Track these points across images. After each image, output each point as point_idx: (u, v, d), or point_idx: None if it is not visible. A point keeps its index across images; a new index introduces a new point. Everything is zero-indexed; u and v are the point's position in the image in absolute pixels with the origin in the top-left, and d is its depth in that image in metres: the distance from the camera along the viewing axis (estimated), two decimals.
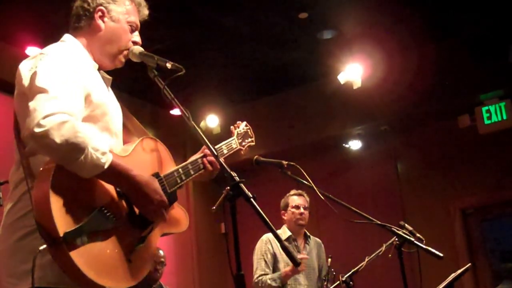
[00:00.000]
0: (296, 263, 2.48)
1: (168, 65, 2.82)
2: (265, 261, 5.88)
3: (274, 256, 5.90)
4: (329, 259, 5.89)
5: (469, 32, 7.73)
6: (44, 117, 2.24)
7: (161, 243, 2.89)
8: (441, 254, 3.80)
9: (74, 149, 2.26)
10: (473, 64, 7.72)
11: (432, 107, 8.28)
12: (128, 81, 7.21)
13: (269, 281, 5.73)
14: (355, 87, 8.09)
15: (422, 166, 8.80)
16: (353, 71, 8.06)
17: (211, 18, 7.16)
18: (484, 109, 7.96)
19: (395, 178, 9.00)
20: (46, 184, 2.27)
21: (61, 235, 2.22)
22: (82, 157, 2.28)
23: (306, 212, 6.06)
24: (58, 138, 2.23)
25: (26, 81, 2.48)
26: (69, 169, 2.30)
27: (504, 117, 7.83)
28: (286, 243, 2.47)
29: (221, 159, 2.67)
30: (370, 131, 8.88)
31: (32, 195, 2.32)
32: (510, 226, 8.63)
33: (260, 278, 5.79)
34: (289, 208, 6.06)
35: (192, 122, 2.72)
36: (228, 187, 2.51)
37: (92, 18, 2.81)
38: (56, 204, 2.26)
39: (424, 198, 8.64)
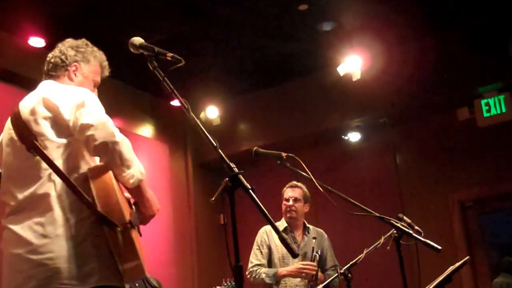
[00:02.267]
0: (293, 254, 2.50)
1: (168, 57, 2.86)
2: (261, 251, 5.93)
3: (269, 248, 5.94)
4: (314, 240, 5.91)
5: (469, 24, 7.71)
6: (116, 132, 2.87)
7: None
8: (440, 247, 3.80)
9: (130, 159, 2.91)
10: (473, 57, 7.71)
11: (431, 100, 8.27)
12: (128, 72, 7.22)
13: (263, 275, 5.78)
14: (354, 79, 8.08)
15: (421, 158, 8.80)
16: (353, 63, 8.04)
17: (211, 9, 7.15)
18: (483, 101, 7.95)
19: (394, 171, 9.00)
20: (110, 182, 2.85)
21: (127, 220, 2.83)
22: (133, 167, 2.92)
23: (297, 205, 6.04)
24: (125, 148, 2.88)
25: (67, 112, 2.92)
26: (121, 176, 2.91)
27: (503, 110, 7.82)
28: (284, 235, 2.49)
29: (220, 151, 2.68)
30: (369, 123, 8.87)
31: (97, 191, 2.82)
32: (508, 219, 8.64)
33: (254, 268, 5.84)
34: (283, 200, 6.10)
35: (192, 114, 2.74)
36: (227, 178, 2.53)
37: (67, 70, 3.28)
38: (119, 198, 2.84)
39: (422, 191, 8.64)
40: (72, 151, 2.93)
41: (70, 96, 2.96)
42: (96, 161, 3.03)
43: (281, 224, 6.03)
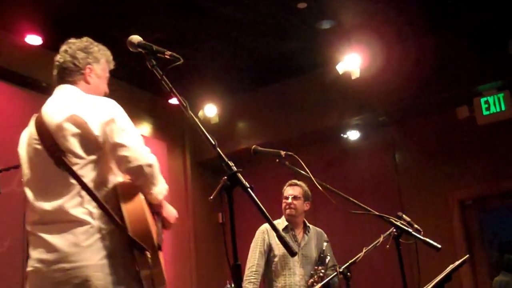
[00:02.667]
0: (291, 253, 2.48)
1: (166, 55, 2.85)
2: (259, 251, 5.88)
3: (270, 246, 5.90)
4: (325, 244, 5.88)
5: (468, 23, 7.71)
6: (149, 153, 3.05)
7: None
8: (439, 246, 3.79)
9: (158, 177, 3.09)
10: (472, 55, 7.70)
11: (430, 98, 8.27)
12: (126, 70, 7.21)
13: None
14: (353, 77, 8.09)
15: (420, 157, 8.79)
16: (352, 61, 8.05)
17: (211, 7, 7.14)
18: (482, 100, 7.96)
19: (393, 169, 8.99)
20: (140, 204, 2.99)
21: (156, 245, 2.98)
22: (160, 184, 3.09)
23: (296, 203, 5.97)
24: (156, 169, 3.08)
25: (96, 128, 2.97)
26: (149, 193, 3.06)
27: (503, 108, 7.83)
28: (282, 233, 2.47)
29: (218, 149, 2.66)
30: (368, 121, 8.87)
31: (128, 215, 2.92)
32: (508, 218, 8.63)
33: (247, 278, 5.79)
34: (283, 198, 6.06)
35: (190, 112, 2.72)
36: (226, 177, 2.51)
37: (83, 74, 3.29)
38: (149, 221, 2.98)
39: (422, 189, 8.63)
40: (101, 167, 3.01)
41: (98, 110, 3.02)
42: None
43: (282, 222, 5.99)
